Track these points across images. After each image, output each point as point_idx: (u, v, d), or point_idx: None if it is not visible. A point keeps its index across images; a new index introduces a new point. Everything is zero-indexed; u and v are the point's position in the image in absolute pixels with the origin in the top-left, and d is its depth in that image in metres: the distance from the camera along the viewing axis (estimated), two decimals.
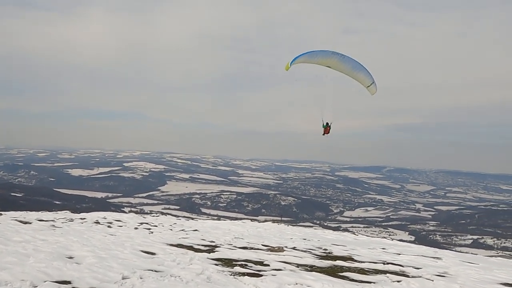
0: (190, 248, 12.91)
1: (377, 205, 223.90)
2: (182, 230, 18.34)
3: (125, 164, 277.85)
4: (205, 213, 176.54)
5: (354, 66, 12.92)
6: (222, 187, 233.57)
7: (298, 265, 10.63)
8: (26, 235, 13.00)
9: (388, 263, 12.14)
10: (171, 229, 18.40)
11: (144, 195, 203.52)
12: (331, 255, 13.28)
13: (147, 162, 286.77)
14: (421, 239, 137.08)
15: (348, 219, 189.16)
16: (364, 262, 12.13)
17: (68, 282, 7.64)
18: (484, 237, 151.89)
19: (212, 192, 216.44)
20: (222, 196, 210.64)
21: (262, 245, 14.53)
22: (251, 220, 31.31)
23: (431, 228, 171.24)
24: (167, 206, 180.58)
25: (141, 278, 8.17)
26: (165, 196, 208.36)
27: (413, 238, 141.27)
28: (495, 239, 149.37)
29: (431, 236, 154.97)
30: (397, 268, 11.12)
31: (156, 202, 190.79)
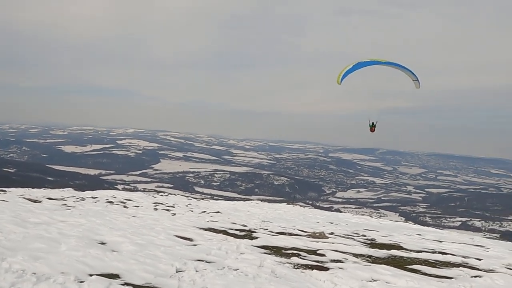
0: (225, 233, 11.85)
1: (369, 187, 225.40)
2: (204, 211, 17.28)
3: (119, 142, 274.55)
4: (198, 192, 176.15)
5: (400, 66, 14.31)
6: (216, 166, 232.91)
7: (355, 255, 9.64)
8: (43, 216, 11.80)
9: (439, 252, 11.25)
10: (192, 211, 17.32)
11: (137, 172, 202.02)
12: (376, 242, 12.34)
13: (140, 140, 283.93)
14: (411, 220, 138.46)
15: (340, 200, 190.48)
16: (413, 251, 11.21)
17: (116, 276, 6.51)
18: (473, 219, 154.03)
19: (205, 171, 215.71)
20: (215, 175, 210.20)
21: (299, 230, 13.55)
22: (261, 201, 30.37)
23: (421, 210, 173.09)
24: (160, 184, 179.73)
25: (196, 271, 7.07)
26: (159, 174, 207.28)
27: (403, 219, 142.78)
28: (483, 221, 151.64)
29: (420, 217, 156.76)
30: (458, 259, 10.20)
31: (149, 180, 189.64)
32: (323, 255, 9.38)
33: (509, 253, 12.49)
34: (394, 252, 10.46)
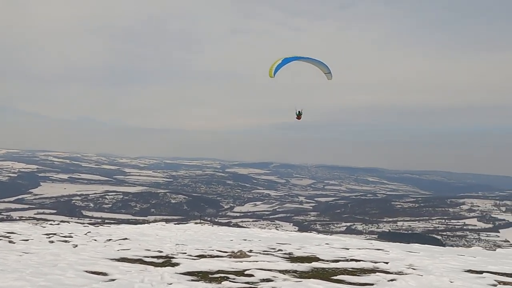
0: (142, 261, 10.91)
1: (265, 199, 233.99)
2: (109, 239, 15.73)
3: None
4: (87, 216, 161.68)
5: (316, 61, 16.06)
6: (107, 187, 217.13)
7: (281, 272, 9.70)
8: None
9: (351, 260, 12.04)
10: (95, 240, 15.61)
11: (12, 199, 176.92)
12: (295, 256, 12.67)
13: (15, 162, 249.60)
14: (304, 228, 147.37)
15: (238, 214, 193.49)
16: (330, 261, 11.80)
17: None
18: (355, 223, 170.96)
19: (95, 193, 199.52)
20: (106, 196, 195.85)
21: (217, 250, 13.18)
22: (166, 221, 29.06)
23: (312, 218, 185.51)
24: (41, 211, 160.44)
25: None
26: (39, 200, 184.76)
27: (296, 228, 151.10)
28: (363, 225, 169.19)
29: (312, 225, 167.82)
30: (369, 265, 11.02)
31: (27, 206, 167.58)
32: (251, 275, 9.23)
33: (406, 254, 13.98)
34: (315, 264, 10.84)
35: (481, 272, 10.19)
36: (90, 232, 19.08)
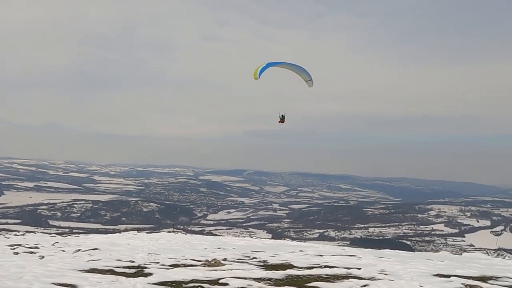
0: (113, 272, 10.61)
1: (239, 207, 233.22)
2: (78, 250, 15.21)
3: None
4: (54, 226, 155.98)
5: (298, 68, 16.52)
6: (76, 195, 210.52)
7: (256, 280, 9.67)
8: None
9: (325, 266, 12.17)
10: (63, 250, 15.05)
11: None
12: (269, 264, 12.67)
13: None
14: (278, 236, 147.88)
15: (211, 222, 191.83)
16: (304, 268, 11.88)
17: None
18: (328, 230, 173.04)
19: (63, 202, 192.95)
20: (75, 205, 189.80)
21: (191, 259, 13.00)
22: (137, 230, 28.42)
23: (286, 225, 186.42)
24: (3, 220, 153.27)
25: None
26: (2, 209, 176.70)
27: (270, 235, 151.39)
28: (336, 231, 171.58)
29: (285, 232, 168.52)
30: (343, 271, 11.17)
31: None
32: (226, 284, 9.16)
33: (378, 260, 14.26)
34: (289, 271, 10.87)
35: (448, 276, 10.53)
36: (57, 242, 18.40)
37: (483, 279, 10.46)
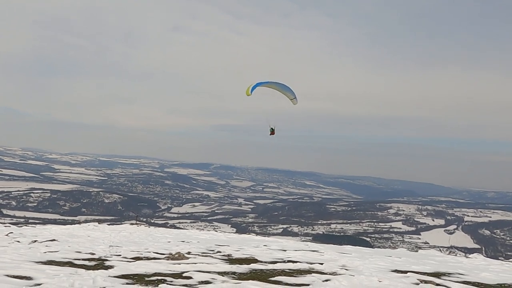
0: (71, 264, 10.26)
1: (204, 201, 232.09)
2: (35, 241, 14.58)
3: None
4: (8, 215, 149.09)
5: (284, 87, 17.38)
6: (33, 184, 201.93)
7: (220, 273, 9.66)
8: None
9: (288, 261, 12.35)
10: (18, 241, 14.38)
11: None
12: (233, 258, 12.69)
13: None
14: (242, 230, 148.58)
15: (175, 215, 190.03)
16: (268, 262, 12.00)
17: None
18: (292, 225, 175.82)
19: (18, 190, 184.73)
20: (32, 194, 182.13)
21: (154, 252, 12.80)
22: (98, 222, 27.62)
23: (250, 220, 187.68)
24: None
25: None
26: None
27: (234, 230, 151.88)
28: (299, 227, 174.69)
29: (250, 227, 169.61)
30: (306, 266, 11.37)
31: None
32: (190, 277, 9.09)
33: (339, 255, 14.63)
34: (253, 265, 10.95)
35: (405, 272, 10.98)
36: (12, 232, 17.57)
37: (437, 275, 10.99)
